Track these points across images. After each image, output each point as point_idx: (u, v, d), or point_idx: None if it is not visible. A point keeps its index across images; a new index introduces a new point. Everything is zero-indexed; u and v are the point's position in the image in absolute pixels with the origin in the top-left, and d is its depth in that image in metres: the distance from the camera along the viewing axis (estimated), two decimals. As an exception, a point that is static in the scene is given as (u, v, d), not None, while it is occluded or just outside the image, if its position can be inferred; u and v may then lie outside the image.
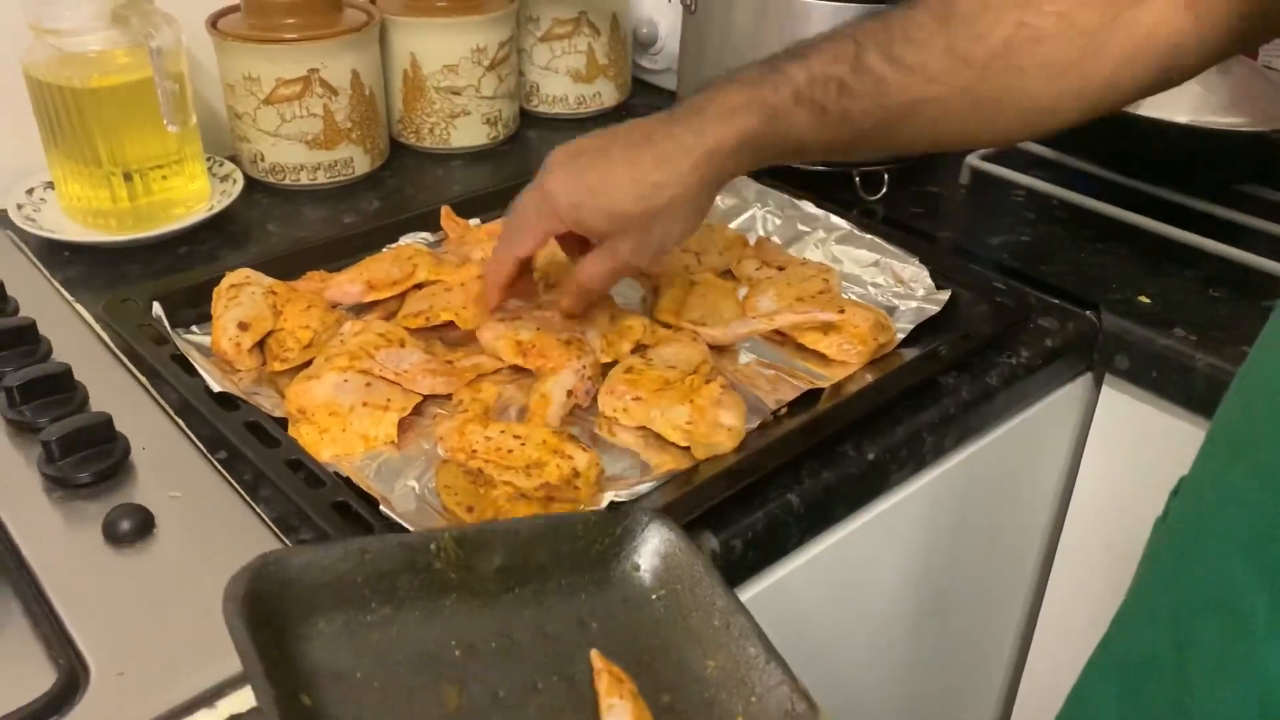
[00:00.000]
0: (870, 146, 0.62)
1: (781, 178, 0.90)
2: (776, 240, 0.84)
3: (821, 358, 0.70)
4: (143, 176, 0.81)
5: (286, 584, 0.43)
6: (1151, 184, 0.89)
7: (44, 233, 0.81)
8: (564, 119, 1.09)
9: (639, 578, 0.49)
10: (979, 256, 0.85)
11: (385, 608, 0.45)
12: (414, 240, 0.82)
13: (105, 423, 0.59)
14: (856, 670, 0.81)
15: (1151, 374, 0.75)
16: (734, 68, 0.63)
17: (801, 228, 0.84)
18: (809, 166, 0.93)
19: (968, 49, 0.56)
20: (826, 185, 0.91)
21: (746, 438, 0.62)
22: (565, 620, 0.47)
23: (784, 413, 0.65)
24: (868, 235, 0.81)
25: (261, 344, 0.69)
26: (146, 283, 0.76)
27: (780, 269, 0.78)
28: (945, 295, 0.75)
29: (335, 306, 0.72)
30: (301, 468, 0.58)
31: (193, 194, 0.85)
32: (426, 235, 0.83)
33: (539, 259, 0.75)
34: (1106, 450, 0.84)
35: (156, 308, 0.70)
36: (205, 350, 0.69)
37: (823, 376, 0.69)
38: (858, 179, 0.92)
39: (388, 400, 0.63)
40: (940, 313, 0.74)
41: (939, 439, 0.69)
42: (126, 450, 0.59)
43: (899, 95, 0.58)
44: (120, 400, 0.63)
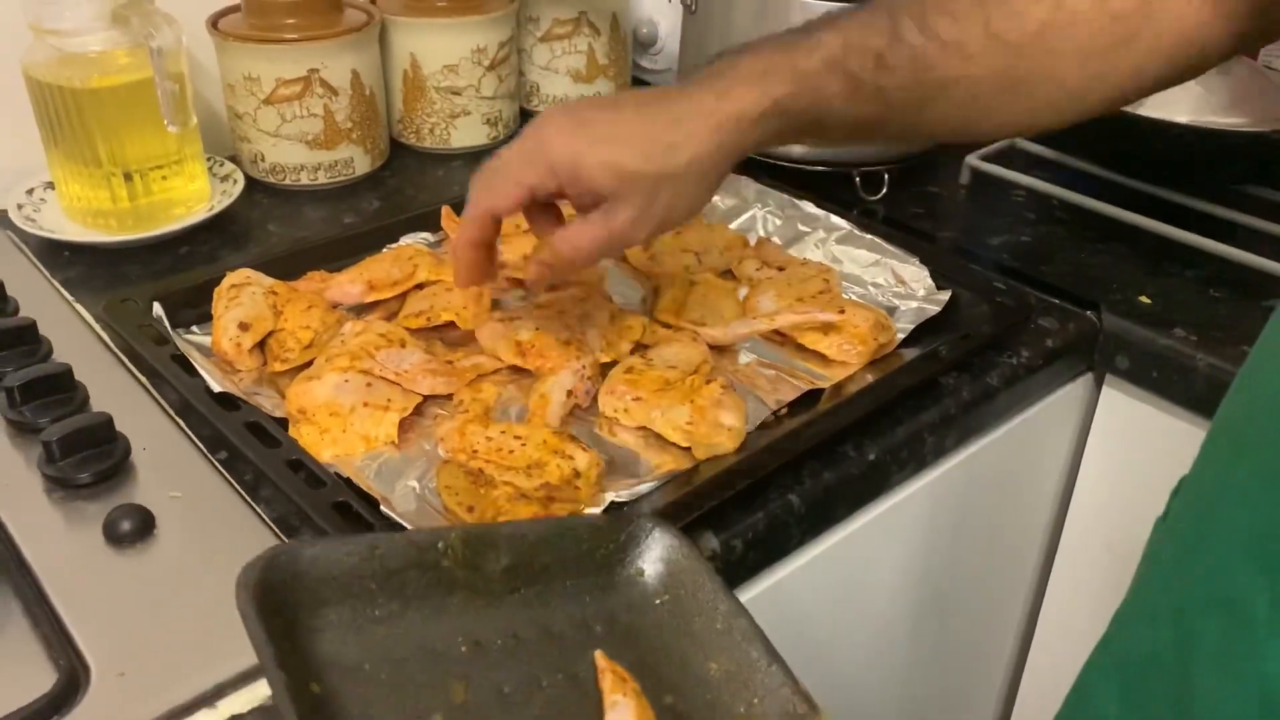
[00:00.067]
0: (893, 128, 0.60)
1: (781, 178, 0.90)
2: (777, 240, 0.84)
3: (822, 358, 0.70)
4: (143, 177, 0.81)
5: (297, 575, 0.43)
6: (1152, 184, 0.90)
7: (44, 233, 0.81)
8: (564, 119, 1.09)
9: (643, 582, 0.49)
10: (979, 256, 0.85)
11: (393, 603, 0.45)
12: (414, 240, 0.82)
13: (106, 423, 0.59)
14: (857, 670, 0.81)
15: (1152, 374, 0.75)
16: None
17: (802, 228, 0.84)
18: (810, 167, 0.93)
19: (1004, 27, 0.55)
20: (827, 185, 0.91)
21: (747, 438, 0.62)
22: (570, 621, 0.47)
23: (784, 413, 0.65)
24: (868, 235, 0.81)
25: (262, 344, 0.69)
26: (147, 283, 0.76)
27: (780, 269, 0.78)
28: (945, 295, 0.75)
29: (336, 307, 0.72)
30: (302, 468, 0.58)
31: (193, 194, 0.85)
32: (427, 235, 0.83)
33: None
34: (1107, 450, 0.84)
35: (157, 308, 0.70)
36: (206, 350, 0.69)
37: (823, 377, 0.69)
38: (858, 179, 0.92)
39: (388, 400, 0.63)
40: (940, 313, 0.74)
41: (939, 439, 0.69)
42: (127, 450, 0.59)
43: (934, 71, 0.56)
44: (121, 400, 0.63)
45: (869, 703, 0.84)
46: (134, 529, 0.54)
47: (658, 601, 0.49)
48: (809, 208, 0.85)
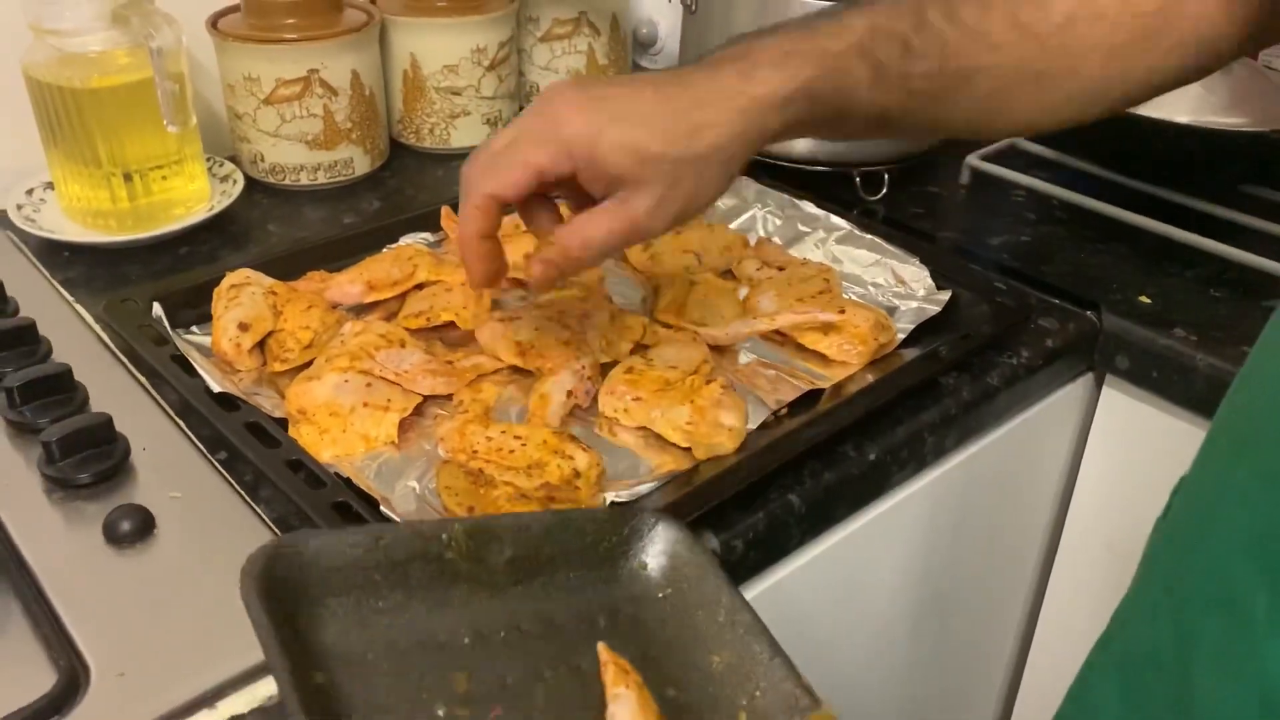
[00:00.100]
0: (911, 121, 0.58)
1: (781, 178, 0.90)
2: (777, 240, 0.84)
3: (822, 358, 0.70)
4: (143, 177, 0.81)
5: (302, 566, 0.44)
6: (1152, 184, 0.90)
7: (44, 233, 0.81)
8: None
9: (646, 576, 0.50)
10: (979, 257, 0.85)
11: (396, 594, 0.45)
12: (414, 240, 0.82)
13: (105, 423, 0.59)
14: (857, 670, 0.81)
15: (1152, 374, 0.75)
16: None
17: (802, 228, 0.84)
18: (810, 167, 0.93)
19: (1031, 18, 0.54)
20: (826, 185, 0.91)
21: (747, 438, 0.62)
22: (572, 613, 0.48)
23: (784, 413, 0.65)
24: (868, 235, 0.81)
25: (262, 344, 0.69)
26: (146, 283, 0.75)
27: (780, 269, 0.78)
28: (946, 295, 0.75)
29: (336, 307, 0.72)
30: (302, 468, 0.58)
31: (193, 194, 0.85)
32: (427, 235, 0.83)
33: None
34: (1107, 450, 0.84)
35: (157, 308, 0.70)
36: (205, 351, 0.69)
37: (823, 377, 0.69)
38: (858, 179, 0.92)
39: (388, 401, 0.63)
40: (941, 313, 0.74)
41: (940, 439, 0.69)
42: (127, 451, 0.59)
43: (959, 60, 0.54)
44: (120, 401, 0.63)
45: (869, 703, 0.84)
46: (134, 529, 0.54)
47: (660, 595, 0.49)
48: (809, 208, 0.85)
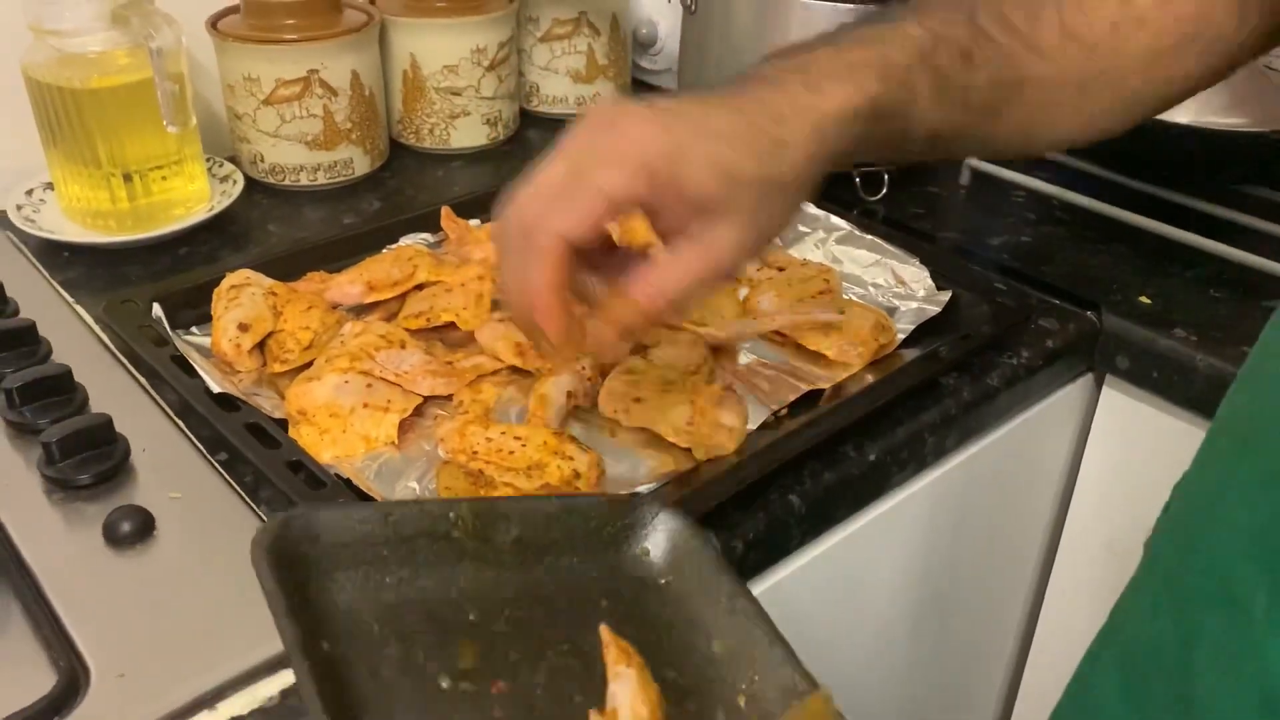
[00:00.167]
0: (964, 139, 0.55)
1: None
2: (777, 240, 0.84)
3: (822, 358, 0.70)
4: (142, 177, 0.81)
5: (311, 538, 0.44)
6: (1152, 184, 0.90)
7: (44, 234, 0.80)
8: (565, 119, 1.09)
9: (648, 562, 0.50)
10: (979, 257, 0.85)
11: (403, 569, 0.46)
12: (414, 241, 0.82)
13: (105, 424, 0.59)
14: (857, 670, 0.80)
15: (1152, 374, 0.75)
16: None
17: (802, 228, 0.84)
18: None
19: (1077, 24, 0.53)
20: (827, 185, 0.91)
21: (747, 438, 0.62)
22: (575, 596, 0.48)
23: (784, 413, 0.65)
24: (868, 236, 0.81)
25: (262, 345, 0.69)
26: (146, 284, 0.75)
27: (780, 269, 0.78)
28: (946, 296, 0.75)
29: (336, 307, 0.72)
30: (302, 469, 0.58)
31: (192, 195, 0.85)
32: (427, 236, 0.83)
33: None
34: (1107, 450, 0.84)
35: (156, 309, 0.70)
36: (205, 351, 0.69)
37: (823, 377, 0.69)
38: (858, 179, 0.92)
39: (388, 401, 0.63)
40: (941, 313, 0.74)
41: (940, 439, 0.69)
42: (126, 452, 0.59)
43: (1012, 70, 0.52)
44: (120, 401, 0.63)
45: (869, 703, 0.84)
46: (134, 530, 0.54)
47: (662, 581, 0.50)
48: (809, 208, 0.85)
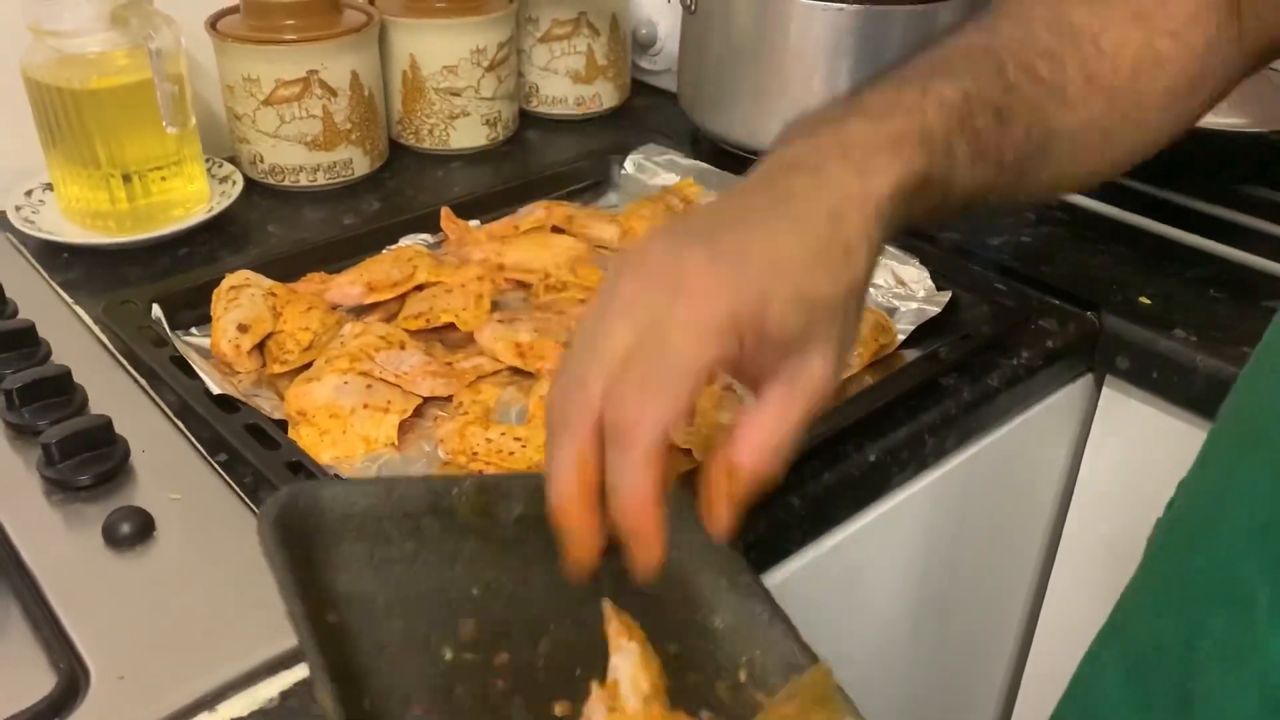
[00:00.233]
0: (992, 198, 0.50)
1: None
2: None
3: (822, 359, 0.70)
4: (142, 178, 0.81)
5: (317, 513, 0.44)
6: (1152, 184, 0.89)
7: (43, 234, 0.80)
8: (564, 120, 1.09)
9: None
10: (979, 257, 0.85)
11: (408, 544, 0.46)
12: (414, 241, 0.82)
13: (105, 425, 0.59)
14: (857, 670, 0.80)
15: (1152, 375, 0.75)
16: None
17: (801, 228, 0.84)
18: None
19: (1099, 70, 0.50)
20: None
21: (747, 439, 0.62)
22: None
23: (784, 414, 0.65)
24: (868, 236, 0.81)
25: (261, 346, 0.69)
26: (146, 285, 0.75)
27: (780, 270, 0.78)
28: (946, 296, 0.75)
29: (335, 308, 0.72)
30: (302, 470, 0.57)
31: (192, 195, 0.85)
32: (426, 236, 0.83)
33: (541, 260, 0.73)
34: (1107, 451, 0.84)
35: (156, 310, 0.70)
36: (205, 352, 0.68)
37: (823, 378, 0.69)
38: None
39: (388, 402, 0.63)
40: (941, 314, 0.74)
41: (940, 440, 0.68)
42: (126, 453, 0.59)
43: (1041, 123, 0.49)
44: (120, 403, 0.63)
45: (869, 703, 0.83)
46: (133, 531, 0.54)
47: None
48: (809, 208, 0.85)
